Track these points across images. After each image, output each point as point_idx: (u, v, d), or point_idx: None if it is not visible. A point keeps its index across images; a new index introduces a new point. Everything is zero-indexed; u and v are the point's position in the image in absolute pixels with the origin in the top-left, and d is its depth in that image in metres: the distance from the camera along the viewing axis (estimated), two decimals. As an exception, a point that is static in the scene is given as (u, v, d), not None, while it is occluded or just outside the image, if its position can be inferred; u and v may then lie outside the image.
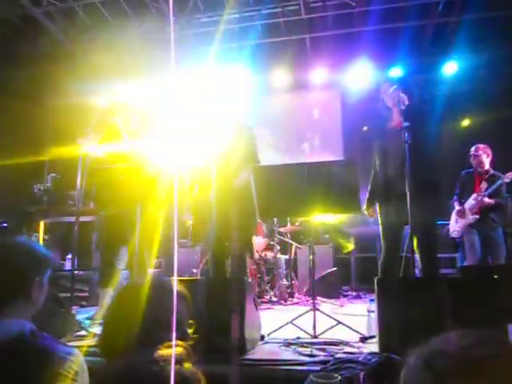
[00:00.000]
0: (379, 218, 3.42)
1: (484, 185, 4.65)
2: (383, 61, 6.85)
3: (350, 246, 6.37)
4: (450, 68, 6.87)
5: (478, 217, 4.58)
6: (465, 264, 4.60)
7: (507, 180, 4.56)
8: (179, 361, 0.92)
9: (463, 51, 6.63)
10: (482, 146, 4.79)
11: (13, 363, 1.26)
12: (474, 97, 6.63)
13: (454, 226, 4.83)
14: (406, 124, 3.11)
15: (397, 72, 6.72)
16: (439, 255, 5.84)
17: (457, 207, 4.77)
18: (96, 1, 6.25)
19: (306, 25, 6.96)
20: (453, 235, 4.86)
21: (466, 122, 7.20)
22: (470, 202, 4.69)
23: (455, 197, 4.87)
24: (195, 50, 7.03)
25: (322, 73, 7.24)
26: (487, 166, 4.74)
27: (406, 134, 3.10)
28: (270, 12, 6.75)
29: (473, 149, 4.82)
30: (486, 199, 4.54)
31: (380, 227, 3.40)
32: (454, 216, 4.84)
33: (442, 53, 6.84)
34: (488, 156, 4.75)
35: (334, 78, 7.31)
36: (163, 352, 0.94)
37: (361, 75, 7.06)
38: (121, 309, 1.31)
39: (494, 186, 4.56)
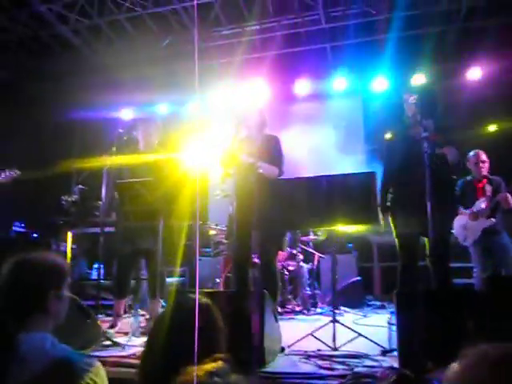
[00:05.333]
0: (394, 229, 3.39)
1: (488, 187, 4.57)
2: (406, 67, 6.82)
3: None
4: (474, 73, 6.77)
5: (494, 220, 4.44)
6: (487, 274, 4.47)
7: None
8: (225, 374, 0.96)
9: (487, 56, 6.53)
10: (480, 151, 4.74)
11: (35, 376, 1.32)
12: (500, 102, 6.51)
13: (462, 232, 4.58)
14: (425, 134, 3.10)
15: (420, 78, 6.68)
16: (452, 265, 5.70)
17: (466, 211, 4.57)
18: (121, 17, 6.43)
19: (327, 34, 6.99)
20: (465, 243, 4.61)
21: (492, 128, 7.06)
22: (479, 205, 4.56)
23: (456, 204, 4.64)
24: (217, 62, 7.14)
25: (344, 81, 7.23)
26: (486, 171, 4.70)
27: (426, 145, 3.09)
28: (290, 22, 6.81)
29: (473, 154, 4.74)
30: (509, 196, 4.39)
31: (396, 238, 3.37)
32: (458, 222, 4.58)
33: (466, 58, 6.76)
34: (487, 162, 4.72)
35: (356, 85, 7.30)
36: (208, 366, 0.98)
37: (383, 82, 7.03)
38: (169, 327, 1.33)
39: None
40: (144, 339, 3.35)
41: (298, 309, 5.31)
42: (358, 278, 5.83)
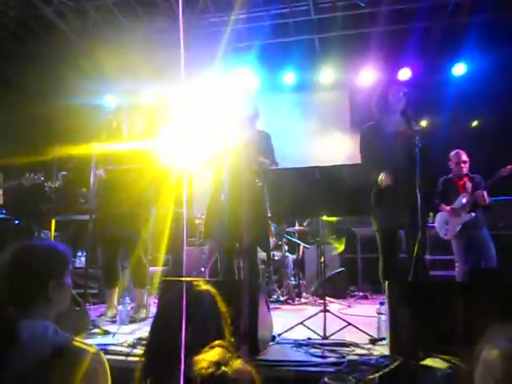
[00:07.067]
0: (375, 223, 3.45)
1: (469, 184, 4.70)
2: (392, 61, 6.88)
3: (341, 247, 6.26)
4: (459, 69, 6.88)
5: (473, 214, 4.57)
6: (468, 267, 4.61)
7: (505, 174, 4.51)
8: (226, 362, 0.96)
9: (472, 52, 6.64)
10: (461, 151, 4.85)
11: (36, 363, 1.31)
12: (484, 98, 6.62)
13: (443, 226, 4.77)
14: (417, 128, 3.14)
15: (406, 73, 6.76)
16: (434, 258, 5.79)
17: (447, 207, 4.73)
18: (108, 1, 6.29)
19: (315, 25, 6.99)
20: (445, 237, 4.81)
21: (475, 123, 7.20)
22: (461, 201, 4.69)
23: (438, 200, 4.86)
24: (205, 50, 7.06)
25: (331, 73, 7.26)
26: (466, 170, 4.82)
27: (417, 138, 3.13)
28: (279, 12, 6.78)
29: (454, 154, 4.84)
30: (485, 193, 4.50)
31: (376, 232, 3.43)
32: (440, 217, 4.81)
33: (451, 54, 6.86)
34: (468, 161, 4.83)
35: (343, 78, 7.33)
36: (210, 356, 0.98)
37: (370, 75, 7.08)
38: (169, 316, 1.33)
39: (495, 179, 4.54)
40: (132, 327, 3.37)
41: (282, 299, 5.36)
42: (342, 268, 5.90)
